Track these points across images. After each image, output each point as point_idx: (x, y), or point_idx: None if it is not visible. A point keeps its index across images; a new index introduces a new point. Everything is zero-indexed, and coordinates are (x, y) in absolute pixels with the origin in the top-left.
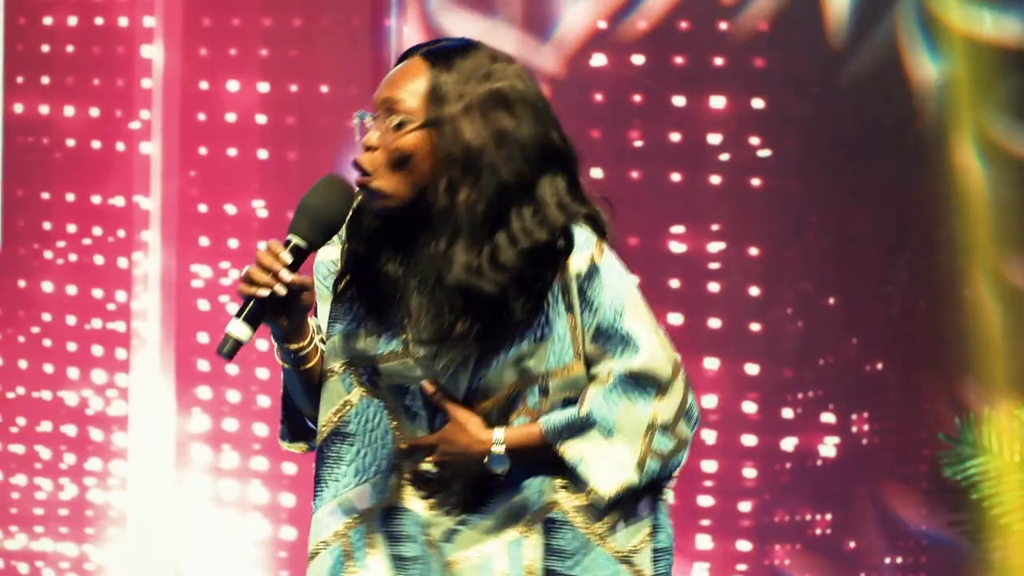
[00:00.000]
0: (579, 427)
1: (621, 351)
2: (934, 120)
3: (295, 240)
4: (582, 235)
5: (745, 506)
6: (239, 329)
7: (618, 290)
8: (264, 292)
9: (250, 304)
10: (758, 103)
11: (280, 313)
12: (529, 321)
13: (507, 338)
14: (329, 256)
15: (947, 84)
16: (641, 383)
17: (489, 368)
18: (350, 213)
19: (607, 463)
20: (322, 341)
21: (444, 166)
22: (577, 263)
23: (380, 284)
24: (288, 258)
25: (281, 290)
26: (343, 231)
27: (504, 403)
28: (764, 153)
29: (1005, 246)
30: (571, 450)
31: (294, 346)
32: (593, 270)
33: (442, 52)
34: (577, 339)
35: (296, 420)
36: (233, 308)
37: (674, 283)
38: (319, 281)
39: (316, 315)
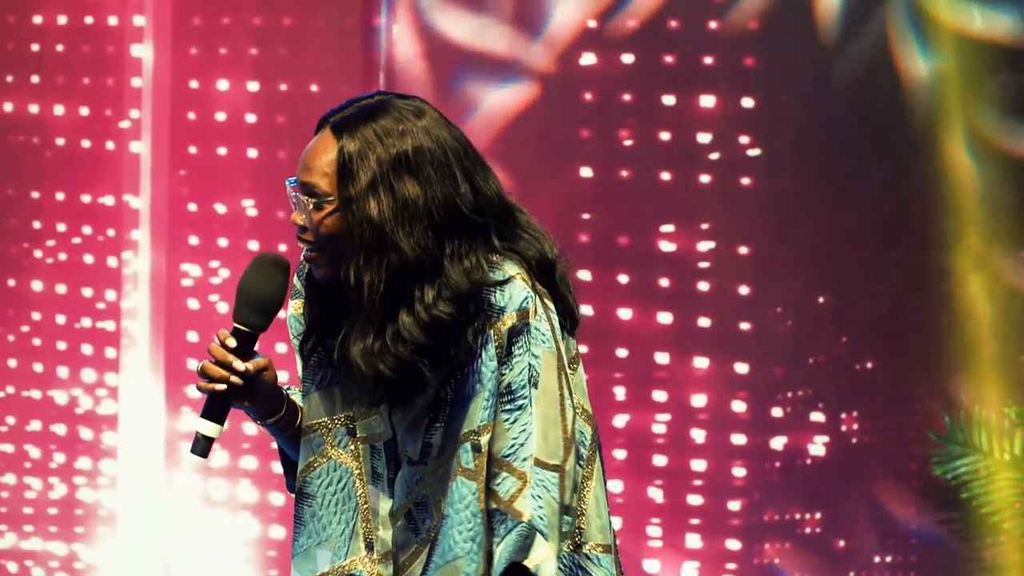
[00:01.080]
0: (527, 542)
1: (519, 421)
2: (925, 117)
3: (238, 327)
4: (519, 291)
5: (735, 505)
6: (206, 427)
7: (534, 358)
8: (220, 386)
9: (212, 400)
10: (748, 102)
11: (245, 397)
12: (457, 380)
13: (438, 401)
14: (299, 310)
15: (937, 81)
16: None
17: (433, 429)
18: (304, 274)
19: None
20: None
21: (356, 247)
22: (511, 319)
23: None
24: (234, 344)
25: (237, 380)
26: (301, 285)
27: (446, 463)
28: (754, 152)
29: (996, 243)
30: (532, 561)
31: (271, 420)
32: (524, 328)
33: (347, 121)
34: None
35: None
36: (223, 308)
37: (664, 282)
38: (293, 337)
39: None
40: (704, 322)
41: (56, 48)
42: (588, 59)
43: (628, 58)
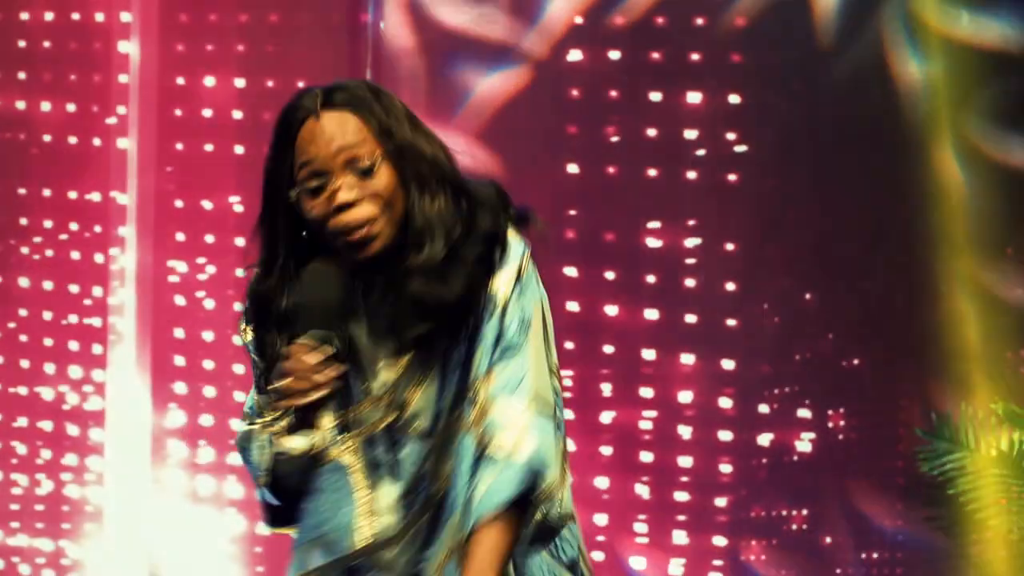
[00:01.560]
0: (534, 478)
1: (512, 364)
2: (915, 121)
3: (314, 336)
4: (516, 242)
5: (721, 502)
6: (299, 442)
7: (527, 306)
8: (316, 395)
9: (298, 413)
10: (735, 99)
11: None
12: (465, 338)
13: (447, 362)
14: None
15: (928, 86)
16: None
17: (445, 393)
18: (262, 307)
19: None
20: None
21: (415, 187)
22: (508, 271)
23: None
24: (314, 359)
25: (325, 391)
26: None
27: (455, 423)
28: (741, 149)
29: (982, 250)
30: (545, 492)
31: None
32: (518, 279)
33: (351, 96)
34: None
35: (290, 508)
36: (209, 304)
37: (650, 278)
38: (259, 358)
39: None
40: (691, 318)
41: (43, 44)
42: (575, 55)
43: (615, 54)
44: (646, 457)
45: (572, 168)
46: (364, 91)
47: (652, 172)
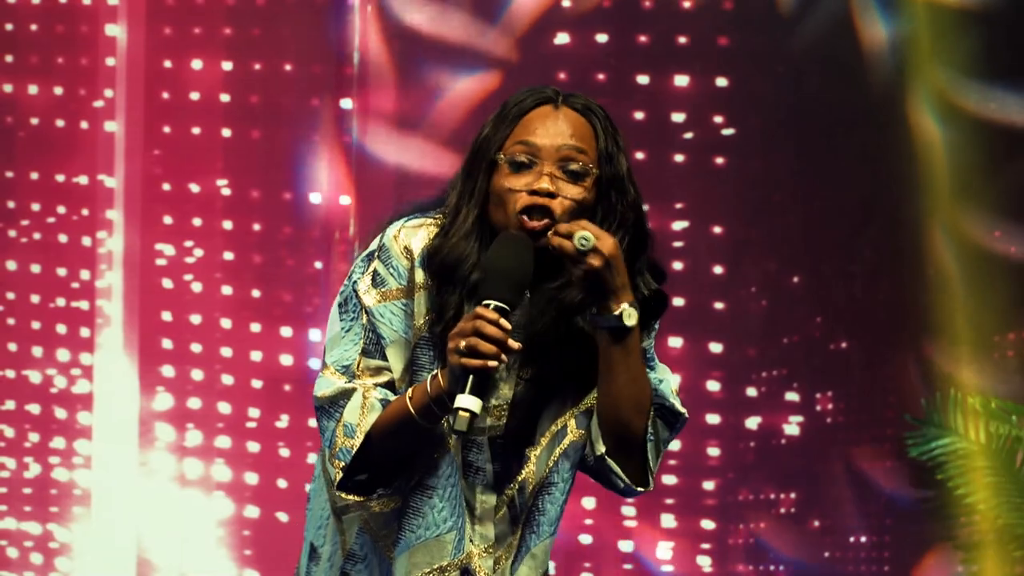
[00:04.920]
0: (671, 417)
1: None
2: (887, 84)
3: (498, 304)
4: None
5: (709, 485)
6: (475, 403)
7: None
8: (494, 363)
9: (480, 376)
10: (722, 82)
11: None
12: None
13: (566, 376)
14: (396, 299)
15: (903, 45)
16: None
17: (555, 405)
18: (452, 266)
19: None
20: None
21: (603, 216)
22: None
23: None
24: (508, 326)
25: (505, 358)
26: (425, 279)
27: (559, 437)
28: (728, 131)
29: (964, 204)
30: (658, 428)
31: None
32: (650, 348)
33: (591, 107)
34: None
35: (385, 475)
36: (197, 287)
37: None
38: (387, 326)
39: (383, 358)
40: (678, 302)
41: (30, 28)
42: (562, 39)
43: (602, 37)
44: None
45: None
46: (600, 110)
47: (639, 155)
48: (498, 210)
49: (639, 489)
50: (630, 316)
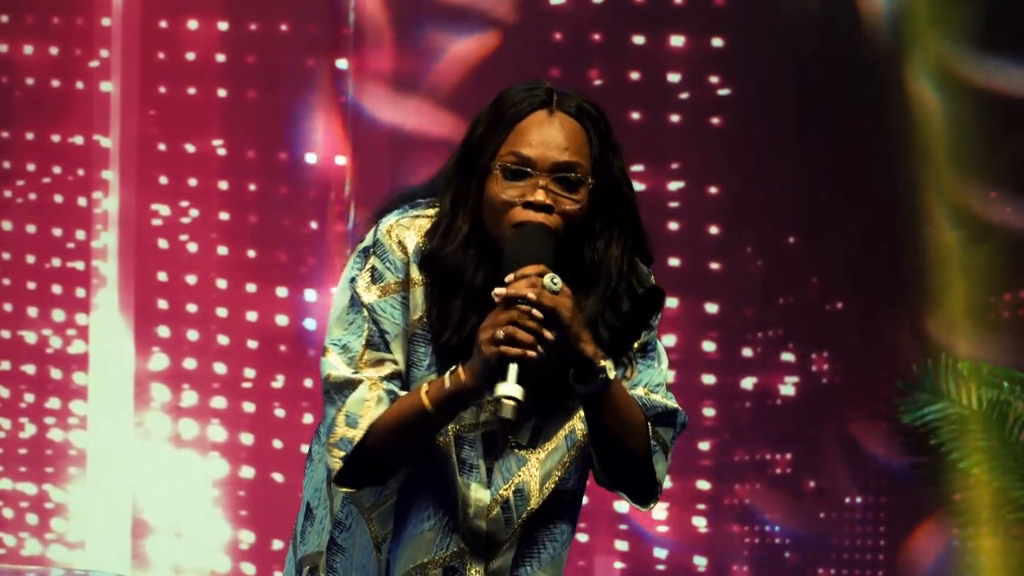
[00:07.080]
0: (669, 418)
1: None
2: (887, 51)
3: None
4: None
5: (704, 445)
6: (516, 390)
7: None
8: (533, 353)
9: (524, 365)
10: (718, 42)
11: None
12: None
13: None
14: (391, 293)
15: (901, 12)
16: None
17: (554, 411)
18: (452, 274)
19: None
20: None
21: (599, 224)
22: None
23: (467, 331)
24: (541, 316)
25: (541, 350)
26: (421, 276)
27: (560, 443)
28: (724, 92)
29: (964, 175)
30: (659, 435)
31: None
32: (649, 349)
33: (584, 110)
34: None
35: (382, 472)
36: (193, 247)
37: None
38: (389, 320)
39: (387, 350)
40: (674, 262)
41: None
42: None
43: None
44: None
45: None
46: (593, 111)
47: (635, 115)
48: (493, 219)
49: (649, 505)
50: (611, 370)
